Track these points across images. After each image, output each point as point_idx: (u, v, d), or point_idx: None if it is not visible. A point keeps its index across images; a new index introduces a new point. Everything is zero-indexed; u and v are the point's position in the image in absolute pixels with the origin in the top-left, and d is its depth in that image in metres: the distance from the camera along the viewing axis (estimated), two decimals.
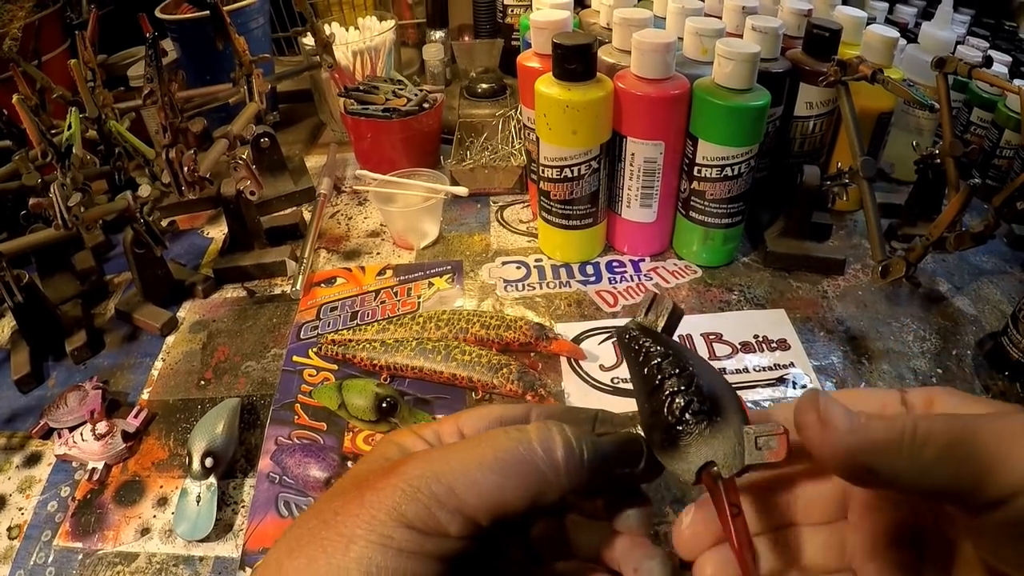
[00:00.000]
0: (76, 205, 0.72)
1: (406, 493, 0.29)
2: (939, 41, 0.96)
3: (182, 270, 0.92)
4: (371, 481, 0.30)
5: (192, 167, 0.77)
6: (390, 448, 0.35)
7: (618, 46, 0.84)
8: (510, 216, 1.01)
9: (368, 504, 0.29)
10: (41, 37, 1.09)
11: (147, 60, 0.75)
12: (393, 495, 0.29)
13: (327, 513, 0.30)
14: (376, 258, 0.94)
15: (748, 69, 0.74)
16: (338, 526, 0.29)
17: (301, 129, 1.30)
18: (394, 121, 1.01)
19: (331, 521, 0.29)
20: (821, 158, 0.96)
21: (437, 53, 1.28)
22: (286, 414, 0.71)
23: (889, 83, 0.78)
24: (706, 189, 0.82)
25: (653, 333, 0.37)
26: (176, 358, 0.80)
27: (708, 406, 0.32)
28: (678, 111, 0.79)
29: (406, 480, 0.30)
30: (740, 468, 0.31)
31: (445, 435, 0.36)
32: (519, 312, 0.83)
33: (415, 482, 0.29)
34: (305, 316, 0.84)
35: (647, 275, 0.88)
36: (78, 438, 0.68)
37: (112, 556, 0.61)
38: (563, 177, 0.81)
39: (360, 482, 0.31)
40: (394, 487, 0.29)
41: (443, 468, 0.30)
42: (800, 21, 0.90)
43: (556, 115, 0.77)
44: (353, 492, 0.30)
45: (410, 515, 0.29)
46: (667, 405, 0.33)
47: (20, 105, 0.76)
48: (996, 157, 1.02)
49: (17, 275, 0.76)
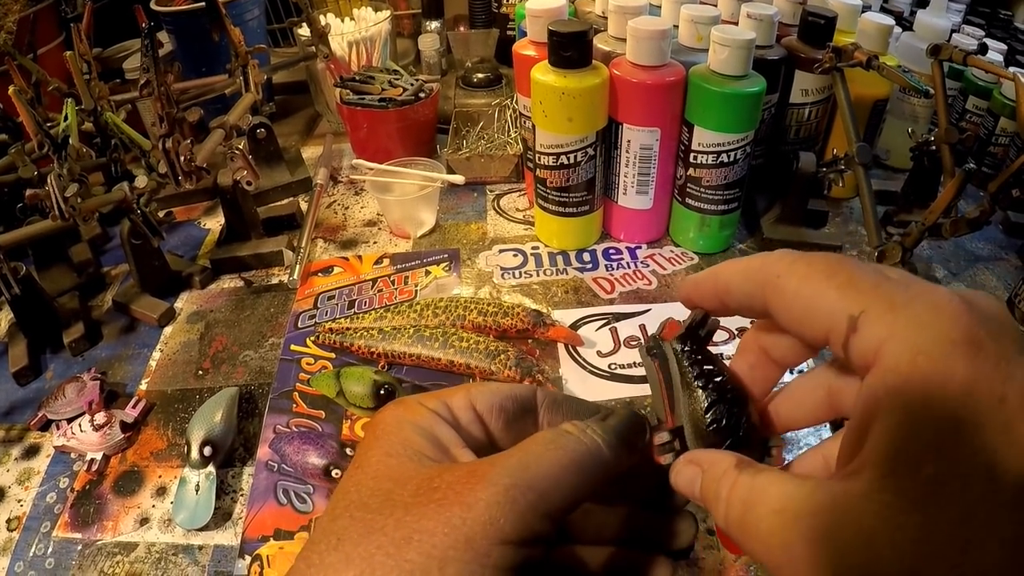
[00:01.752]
0: (73, 196, 0.72)
1: (503, 506, 0.27)
2: (934, 29, 0.96)
3: (179, 261, 0.92)
4: (448, 493, 0.28)
5: (189, 157, 0.77)
6: (414, 436, 0.32)
7: (613, 34, 0.84)
8: (507, 204, 1.01)
9: (459, 520, 0.27)
10: (36, 30, 1.09)
11: (143, 51, 0.75)
12: (489, 510, 0.27)
13: (398, 531, 0.28)
14: (373, 247, 0.94)
15: (743, 56, 0.74)
16: (422, 546, 0.27)
17: (297, 120, 1.30)
18: (390, 111, 1.01)
19: (410, 540, 0.27)
20: (817, 145, 0.96)
21: (433, 43, 1.28)
22: (284, 403, 0.71)
23: (884, 69, 0.78)
24: (702, 176, 0.82)
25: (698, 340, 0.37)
26: (174, 348, 0.81)
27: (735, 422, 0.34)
28: (674, 98, 0.79)
29: (501, 491, 0.28)
30: None
31: (456, 408, 0.35)
32: (516, 299, 0.83)
33: (511, 492, 0.28)
34: (302, 305, 0.84)
35: (644, 262, 0.88)
36: (76, 429, 0.68)
37: (111, 546, 0.61)
38: (559, 164, 0.81)
39: (423, 492, 0.29)
40: (488, 501, 0.27)
41: (533, 474, 0.29)
42: (795, 9, 0.91)
43: (552, 102, 0.77)
44: (428, 506, 0.28)
45: (508, 529, 0.27)
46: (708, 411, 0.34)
47: (16, 97, 0.76)
48: (992, 144, 1.02)
49: (14, 267, 0.76)
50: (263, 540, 0.60)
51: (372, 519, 0.28)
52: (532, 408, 0.37)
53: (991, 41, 1.06)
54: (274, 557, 0.58)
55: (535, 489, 0.28)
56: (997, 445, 0.22)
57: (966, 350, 0.23)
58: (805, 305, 0.28)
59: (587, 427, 0.32)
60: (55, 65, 1.08)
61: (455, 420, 0.34)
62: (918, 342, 0.24)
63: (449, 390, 0.36)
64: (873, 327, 0.25)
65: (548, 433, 0.32)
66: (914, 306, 0.25)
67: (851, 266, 0.27)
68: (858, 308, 0.26)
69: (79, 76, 0.87)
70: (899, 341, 0.24)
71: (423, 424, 0.33)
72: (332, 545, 0.28)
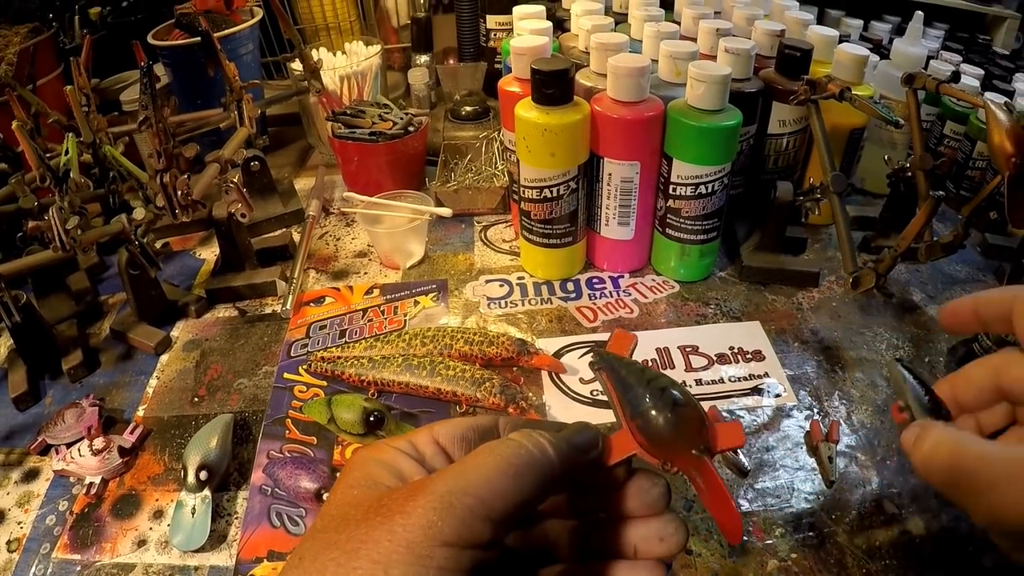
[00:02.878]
0: (74, 228, 0.74)
1: (440, 511, 0.30)
2: (910, 57, 0.99)
3: (175, 291, 0.94)
4: (391, 506, 0.31)
5: (186, 191, 0.79)
6: (377, 469, 0.35)
7: (595, 69, 0.87)
8: (493, 235, 1.03)
9: (400, 528, 0.29)
10: (36, 62, 1.11)
11: (142, 88, 0.77)
12: (427, 515, 0.29)
13: (349, 544, 0.30)
14: (364, 278, 0.96)
15: (719, 91, 0.77)
16: (369, 554, 0.29)
17: (290, 152, 1.32)
18: (380, 144, 1.03)
19: (359, 551, 0.29)
20: (795, 174, 0.98)
21: (422, 77, 1.30)
22: (277, 429, 0.73)
23: (856, 101, 0.80)
24: (681, 207, 0.84)
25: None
26: (170, 376, 0.82)
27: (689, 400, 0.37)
28: (653, 132, 0.82)
29: (437, 498, 0.30)
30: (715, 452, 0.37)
31: (420, 444, 0.37)
32: (502, 328, 0.85)
33: (447, 499, 0.30)
34: (295, 335, 0.86)
35: (626, 291, 0.90)
36: (76, 454, 0.70)
37: (110, 567, 0.62)
38: (543, 197, 0.84)
39: (372, 509, 0.31)
40: (425, 507, 0.30)
41: (468, 481, 0.31)
42: (772, 41, 0.93)
43: (535, 138, 0.79)
44: (375, 519, 0.30)
45: (447, 531, 0.29)
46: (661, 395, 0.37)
47: (19, 131, 0.78)
48: (969, 168, 1.04)
49: (15, 295, 0.77)
50: (257, 561, 0.61)
51: (328, 537, 0.31)
52: (495, 435, 0.39)
53: (969, 67, 1.08)
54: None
55: (471, 494, 0.30)
56: None
57: None
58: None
59: (532, 433, 0.34)
60: (54, 96, 1.10)
61: (419, 455, 0.37)
62: None
63: (415, 431, 0.38)
64: None
65: (491, 443, 0.34)
66: None
67: None
68: None
69: (79, 110, 0.89)
70: None
71: (386, 459, 0.35)
72: (294, 564, 0.31)
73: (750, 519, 0.63)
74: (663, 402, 0.36)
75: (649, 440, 0.36)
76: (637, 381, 0.38)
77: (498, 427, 0.39)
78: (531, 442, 0.34)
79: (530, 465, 0.33)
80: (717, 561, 0.60)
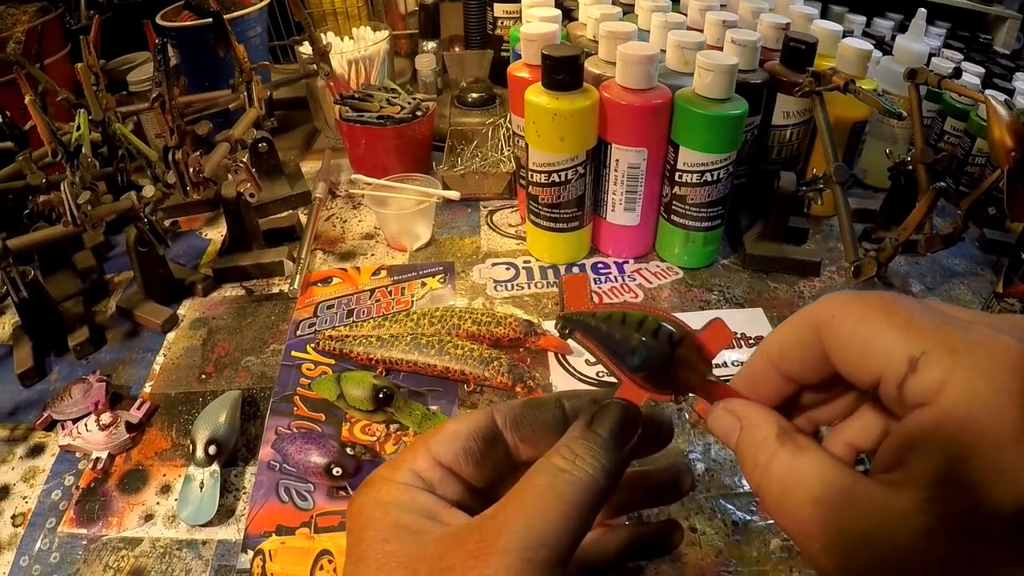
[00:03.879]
0: (85, 203, 0.75)
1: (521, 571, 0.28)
2: (912, 53, 0.99)
3: (182, 269, 0.94)
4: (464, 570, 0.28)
5: (198, 168, 0.80)
6: (403, 515, 0.32)
7: (604, 57, 0.87)
8: (499, 220, 1.04)
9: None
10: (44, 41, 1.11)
11: (156, 65, 0.77)
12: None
13: None
14: (371, 259, 0.97)
15: (726, 80, 0.78)
16: None
17: (296, 135, 1.32)
18: (388, 128, 1.04)
19: None
20: (799, 165, 0.99)
21: (429, 63, 1.30)
22: (285, 406, 0.74)
23: (860, 93, 0.81)
24: (687, 194, 0.85)
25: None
26: (177, 353, 0.83)
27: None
28: (660, 119, 0.82)
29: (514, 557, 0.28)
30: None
31: (424, 472, 0.34)
32: (508, 310, 0.86)
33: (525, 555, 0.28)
34: (302, 314, 0.86)
35: (631, 276, 0.91)
36: (82, 429, 0.70)
37: (116, 541, 0.63)
38: (551, 182, 0.84)
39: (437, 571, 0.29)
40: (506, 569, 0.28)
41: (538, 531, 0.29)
42: (778, 34, 0.93)
43: (545, 123, 0.80)
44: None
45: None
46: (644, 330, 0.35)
47: (33, 106, 0.78)
48: (968, 164, 1.05)
49: (22, 271, 0.77)
50: (265, 535, 0.62)
51: None
52: (497, 436, 0.36)
53: (970, 64, 1.09)
54: (276, 551, 0.61)
55: (546, 546, 0.29)
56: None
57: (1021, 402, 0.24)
58: (862, 345, 0.28)
59: (576, 457, 0.32)
60: (61, 75, 1.10)
61: (429, 484, 0.34)
62: (976, 391, 0.25)
63: (407, 453, 0.35)
64: (933, 370, 0.26)
65: (541, 478, 0.31)
66: (975, 353, 0.25)
67: (910, 306, 0.28)
68: (919, 349, 0.26)
69: (89, 87, 0.89)
70: (958, 387, 0.25)
71: (404, 500, 0.33)
72: None
73: (753, 500, 0.63)
74: (650, 336, 0.34)
75: (654, 380, 0.35)
76: (614, 328, 0.36)
77: (496, 424, 0.37)
78: (579, 470, 0.31)
79: (589, 496, 0.31)
80: (721, 539, 0.60)
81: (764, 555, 0.59)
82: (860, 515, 0.26)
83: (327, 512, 0.64)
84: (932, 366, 0.26)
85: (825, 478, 0.28)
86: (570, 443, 0.32)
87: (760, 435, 0.31)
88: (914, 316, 0.27)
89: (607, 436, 0.33)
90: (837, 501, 0.27)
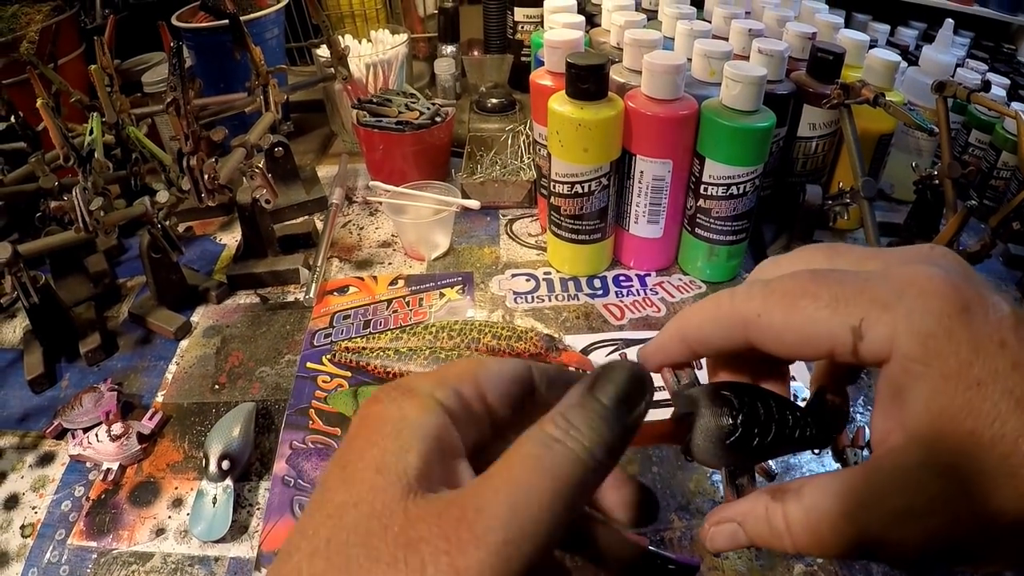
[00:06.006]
0: (97, 209, 0.74)
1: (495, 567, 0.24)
2: (939, 64, 0.98)
3: (195, 275, 0.93)
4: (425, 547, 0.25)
5: (213, 175, 0.78)
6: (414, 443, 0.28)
7: (628, 66, 0.86)
8: (519, 229, 1.02)
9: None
10: (58, 41, 1.10)
11: (171, 69, 0.76)
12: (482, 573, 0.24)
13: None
14: (388, 268, 0.95)
15: (755, 92, 0.76)
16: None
17: (312, 139, 1.31)
18: (406, 134, 1.03)
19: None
20: (823, 178, 0.98)
21: (448, 67, 1.29)
22: (300, 419, 0.72)
23: (890, 107, 0.80)
24: (712, 207, 0.84)
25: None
26: (190, 362, 0.82)
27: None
28: (686, 131, 0.81)
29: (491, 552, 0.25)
30: None
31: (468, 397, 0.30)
32: (529, 323, 0.84)
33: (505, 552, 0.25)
34: (318, 324, 0.85)
35: (653, 289, 0.90)
36: (93, 439, 0.69)
37: (127, 556, 0.62)
38: (574, 193, 0.83)
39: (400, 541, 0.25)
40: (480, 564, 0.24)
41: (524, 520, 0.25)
42: (804, 44, 0.92)
43: (568, 133, 0.78)
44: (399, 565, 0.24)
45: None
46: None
47: (44, 109, 0.77)
48: (993, 178, 1.04)
49: (33, 276, 0.76)
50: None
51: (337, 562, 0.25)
52: (532, 387, 0.33)
53: (994, 76, 1.08)
54: None
55: (529, 538, 0.25)
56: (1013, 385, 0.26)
57: (962, 317, 0.27)
58: (800, 333, 0.30)
59: (571, 427, 0.27)
60: (75, 76, 1.09)
61: (464, 410, 0.30)
62: (922, 329, 0.27)
63: (454, 371, 0.31)
64: (876, 329, 0.28)
65: (531, 447, 0.27)
66: (905, 299, 0.28)
67: (827, 279, 0.30)
68: (856, 318, 0.28)
69: (103, 89, 0.88)
70: (906, 334, 0.27)
71: (430, 429, 0.28)
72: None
73: None
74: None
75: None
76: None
77: (534, 377, 0.33)
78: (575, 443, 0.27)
79: (584, 470, 0.27)
80: (745, 564, 0.59)
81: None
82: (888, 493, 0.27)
83: None
84: (875, 327, 0.28)
85: (839, 491, 0.29)
86: (566, 410, 0.28)
87: (760, 510, 0.31)
88: (837, 290, 0.29)
89: (610, 404, 0.28)
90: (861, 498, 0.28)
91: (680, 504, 0.63)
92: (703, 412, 0.33)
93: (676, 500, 0.64)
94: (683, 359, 0.36)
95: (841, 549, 0.29)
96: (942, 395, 0.27)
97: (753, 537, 0.32)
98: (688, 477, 0.66)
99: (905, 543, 0.27)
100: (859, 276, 0.29)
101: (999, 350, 0.26)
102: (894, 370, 0.28)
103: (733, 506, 0.33)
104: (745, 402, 0.33)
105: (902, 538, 0.27)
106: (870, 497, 0.28)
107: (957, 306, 0.27)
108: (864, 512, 0.28)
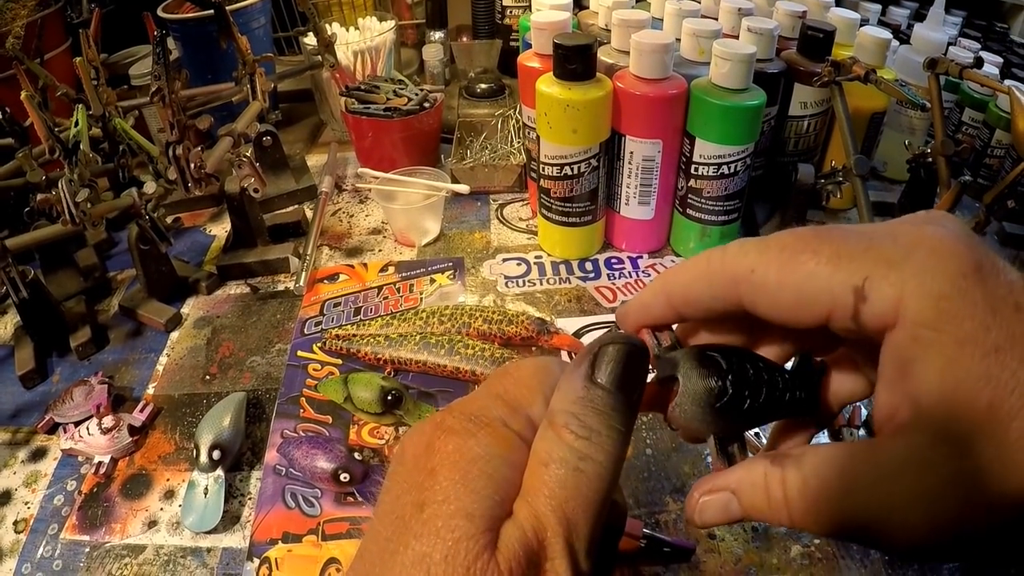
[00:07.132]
0: (84, 201, 0.73)
1: None
2: (931, 42, 0.97)
3: (185, 267, 0.92)
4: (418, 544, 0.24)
5: (199, 164, 0.78)
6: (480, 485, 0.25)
7: (617, 46, 0.85)
8: (510, 214, 1.02)
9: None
10: (44, 35, 1.09)
11: (155, 58, 0.75)
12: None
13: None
14: (378, 255, 0.95)
15: (744, 69, 0.75)
16: None
17: (301, 128, 1.30)
18: (395, 120, 1.02)
19: None
20: (815, 157, 0.97)
21: (436, 53, 1.29)
22: (291, 408, 0.72)
23: (882, 83, 0.79)
24: (703, 187, 0.83)
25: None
26: (181, 353, 0.81)
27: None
28: (676, 110, 0.80)
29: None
30: None
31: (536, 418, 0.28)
32: (520, 307, 0.84)
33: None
34: (309, 312, 0.84)
35: (645, 271, 0.89)
36: (84, 432, 0.69)
37: (119, 548, 0.61)
38: (563, 175, 0.82)
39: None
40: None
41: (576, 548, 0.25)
42: (794, 22, 0.92)
43: (557, 114, 0.78)
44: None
45: None
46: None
47: (28, 102, 0.77)
48: (987, 156, 1.03)
49: (22, 271, 0.76)
50: (271, 543, 0.60)
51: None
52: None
53: (987, 54, 1.07)
54: (283, 559, 0.59)
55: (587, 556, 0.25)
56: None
57: (976, 278, 0.24)
58: (796, 292, 0.27)
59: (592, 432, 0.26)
60: (61, 70, 1.08)
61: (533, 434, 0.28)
62: (934, 290, 0.24)
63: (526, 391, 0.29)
64: (882, 289, 0.25)
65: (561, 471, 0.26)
66: (914, 258, 0.25)
67: (829, 235, 0.27)
68: (859, 277, 0.26)
69: (88, 82, 0.88)
70: (916, 295, 0.25)
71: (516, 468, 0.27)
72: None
73: None
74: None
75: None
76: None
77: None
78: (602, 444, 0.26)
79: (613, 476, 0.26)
80: (741, 546, 0.59)
81: (785, 562, 0.58)
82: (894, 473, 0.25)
83: (335, 519, 0.62)
84: (880, 287, 0.25)
85: (842, 465, 0.26)
86: (577, 412, 0.26)
87: (757, 479, 0.28)
88: (839, 246, 0.26)
89: (615, 390, 0.27)
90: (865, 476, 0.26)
91: (675, 486, 0.63)
92: (689, 374, 0.30)
93: (671, 482, 0.63)
94: (665, 320, 0.33)
95: (835, 528, 0.26)
96: (956, 364, 0.24)
97: (748, 508, 0.29)
98: (683, 459, 0.65)
99: (907, 528, 0.25)
100: (864, 233, 0.27)
101: (1015, 314, 0.24)
102: (901, 338, 0.25)
103: (726, 474, 0.30)
104: (733, 363, 0.31)
105: (905, 523, 0.25)
106: (875, 475, 0.25)
107: (971, 265, 0.25)
108: (866, 491, 0.25)
